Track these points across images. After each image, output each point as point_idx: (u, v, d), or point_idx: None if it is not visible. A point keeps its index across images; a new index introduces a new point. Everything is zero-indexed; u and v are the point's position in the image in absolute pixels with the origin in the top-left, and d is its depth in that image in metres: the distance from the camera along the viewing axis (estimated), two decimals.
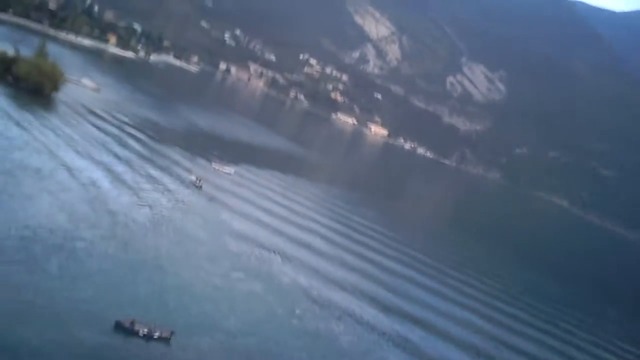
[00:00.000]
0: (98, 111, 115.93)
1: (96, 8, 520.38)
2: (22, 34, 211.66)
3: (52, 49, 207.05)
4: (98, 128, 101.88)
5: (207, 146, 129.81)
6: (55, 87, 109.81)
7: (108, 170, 79.22)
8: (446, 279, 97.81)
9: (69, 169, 72.54)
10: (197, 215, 76.16)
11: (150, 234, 62.97)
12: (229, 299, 55.50)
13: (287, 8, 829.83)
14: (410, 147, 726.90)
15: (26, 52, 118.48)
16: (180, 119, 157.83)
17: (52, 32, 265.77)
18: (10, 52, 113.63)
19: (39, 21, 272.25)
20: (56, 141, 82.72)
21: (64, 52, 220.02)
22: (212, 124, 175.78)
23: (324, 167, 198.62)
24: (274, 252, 73.28)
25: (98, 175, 75.34)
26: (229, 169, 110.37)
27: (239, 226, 78.62)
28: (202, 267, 60.32)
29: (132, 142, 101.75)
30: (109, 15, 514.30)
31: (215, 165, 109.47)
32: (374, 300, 71.35)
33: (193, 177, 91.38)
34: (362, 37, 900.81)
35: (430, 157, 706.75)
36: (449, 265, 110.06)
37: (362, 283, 76.38)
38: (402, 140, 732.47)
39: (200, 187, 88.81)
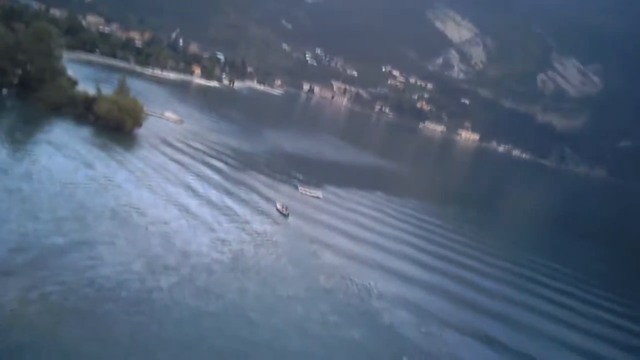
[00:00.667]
0: (178, 144, 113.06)
1: (181, 42, 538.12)
2: (108, 73, 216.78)
3: (137, 84, 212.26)
4: (177, 161, 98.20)
5: (293, 170, 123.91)
6: (137, 122, 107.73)
7: (186, 205, 74.35)
8: (573, 303, 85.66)
9: (144, 207, 68.12)
10: (284, 249, 69.42)
11: (234, 276, 56.68)
12: (328, 352, 48.13)
13: (366, 22, 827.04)
14: (504, 149, 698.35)
15: (109, 90, 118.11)
16: (264, 143, 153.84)
17: (138, 68, 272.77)
18: (92, 91, 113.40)
19: (126, 59, 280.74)
20: (132, 178, 79.27)
21: (150, 87, 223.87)
22: (297, 145, 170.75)
23: (417, 181, 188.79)
24: (371, 286, 65.06)
25: (175, 212, 70.48)
26: (317, 193, 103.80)
27: (331, 258, 71.05)
28: (294, 312, 53.14)
29: (213, 174, 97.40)
30: (193, 48, 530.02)
31: (302, 190, 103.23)
32: (492, 342, 61.48)
33: (279, 205, 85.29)
34: (445, 43, 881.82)
35: (527, 158, 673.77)
36: (571, 282, 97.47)
37: (475, 319, 66.35)
38: (494, 144, 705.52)
39: (287, 215, 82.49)
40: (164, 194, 76.37)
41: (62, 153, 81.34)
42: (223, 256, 60.62)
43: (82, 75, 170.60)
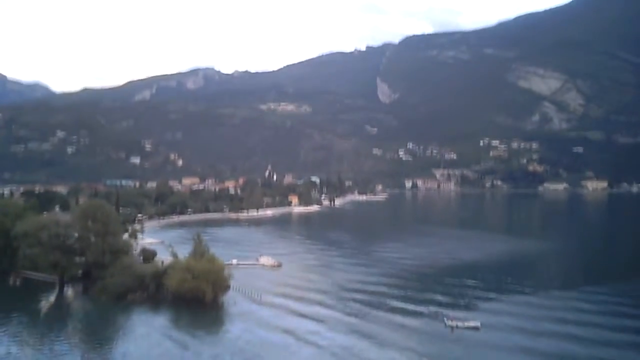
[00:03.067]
0: (276, 300, 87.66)
1: (275, 176, 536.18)
2: (201, 228, 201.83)
3: (230, 233, 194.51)
4: (278, 330, 72.76)
5: (429, 292, 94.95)
6: (219, 287, 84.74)
7: None
8: None
9: None
10: None
11: None
12: None
13: (448, 104, 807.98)
14: (639, 188, 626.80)
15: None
16: (380, 264, 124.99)
17: (233, 215, 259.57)
18: (168, 257, 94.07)
19: (220, 210, 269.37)
20: None
21: (245, 231, 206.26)
22: (421, 254, 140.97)
23: (582, 260, 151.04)
24: None
25: None
26: (473, 322, 73.54)
27: None
28: None
29: (328, 334, 70.70)
30: (287, 179, 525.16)
31: (452, 322, 73.53)
32: None
33: None
34: (535, 98, 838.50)
35: None
36: None
37: None
38: (626, 185, 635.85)
39: None
40: None
41: None
42: None
43: (170, 239, 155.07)
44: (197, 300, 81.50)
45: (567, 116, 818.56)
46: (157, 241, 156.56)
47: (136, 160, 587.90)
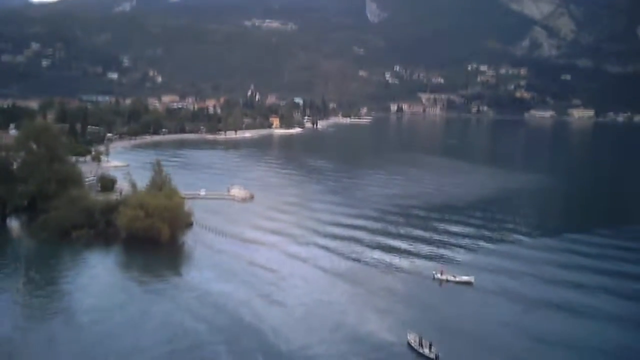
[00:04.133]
0: (238, 248, 77.46)
1: (257, 97, 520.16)
2: (173, 151, 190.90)
3: (203, 157, 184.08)
4: (231, 278, 63.69)
5: (416, 238, 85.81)
6: (177, 226, 74.95)
7: None
8: None
9: None
10: None
11: None
12: None
13: (437, 26, 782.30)
14: (624, 118, 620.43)
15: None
16: (361, 200, 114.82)
17: (209, 136, 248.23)
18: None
19: (195, 131, 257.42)
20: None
21: (219, 155, 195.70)
22: (407, 189, 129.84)
23: (572, 198, 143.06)
24: None
25: None
26: (466, 276, 64.71)
27: None
28: None
29: (296, 289, 61.76)
30: (271, 100, 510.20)
31: (441, 275, 64.62)
32: None
33: (411, 337, 47.60)
34: (526, 23, 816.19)
35: None
36: None
37: None
38: (612, 115, 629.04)
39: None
40: None
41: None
42: None
43: (138, 162, 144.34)
44: (152, 240, 71.84)
45: (557, 42, 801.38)
46: (123, 164, 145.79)
47: (114, 75, 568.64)
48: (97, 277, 62.91)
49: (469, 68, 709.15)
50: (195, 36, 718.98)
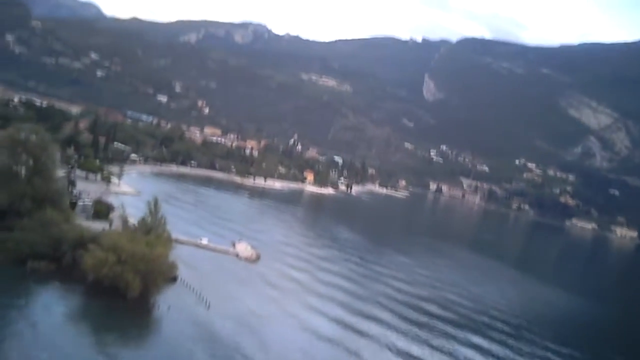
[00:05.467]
0: (226, 314, 63.56)
1: (299, 147, 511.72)
2: (196, 186, 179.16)
3: (224, 200, 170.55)
4: None
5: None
6: (152, 280, 61.02)
7: None
8: None
9: None
10: None
11: None
12: None
13: (492, 115, 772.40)
14: None
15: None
16: (383, 291, 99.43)
17: (238, 179, 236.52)
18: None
19: (225, 170, 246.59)
20: None
21: (241, 202, 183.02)
22: (432, 287, 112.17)
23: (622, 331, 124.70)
24: None
25: None
26: None
27: None
28: None
29: None
30: (311, 153, 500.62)
31: None
32: None
33: None
34: (582, 131, 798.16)
35: None
36: None
37: None
38: None
39: None
40: None
41: None
42: None
43: (150, 192, 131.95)
44: (118, 292, 58.22)
45: (610, 155, 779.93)
46: (134, 191, 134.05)
47: (163, 98, 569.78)
48: (31, 323, 49.52)
49: (517, 162, 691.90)
50: (250, 78, 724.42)
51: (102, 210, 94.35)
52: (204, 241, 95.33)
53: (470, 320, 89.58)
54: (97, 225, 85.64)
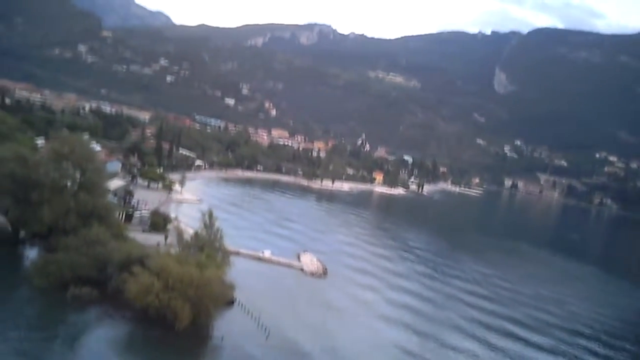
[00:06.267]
0: (288, 345, 55.72)
1: (367, 147, 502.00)
2: (261, 191, 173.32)
3: (291, 205, 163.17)
4: None
5: None
6: (205, 307, 53.61)
7: None
8: None
9: None
10: None
11: None
12: None
13: (568, 106, 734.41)
14: None
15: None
16: (466, 309, 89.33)
17: (304, 182, 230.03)
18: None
19: (292, 173, 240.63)
20: None
21: (308, 206, 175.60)
22: (526, 302, 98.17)
23: None
24: None
25: None
26: None
27: None
28: None
29: None
30: (380, 152, 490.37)
31: None
32: None
33: None
34: None
35: None
36: None
37: None
38: None
39: None
40: None
41: None
42: None
43: (217, 200, 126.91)
44: (165, 323, 51.30)
45: None
46: (195, 199, 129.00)
47: (231, 101, 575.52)
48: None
49: (597, 156, 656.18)
50: (316, 78, 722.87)
51: (159, 222, 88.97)
52: (266, 254, 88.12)
53: (576, 347, 77.69)
54: (153, 239, 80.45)
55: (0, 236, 67.41)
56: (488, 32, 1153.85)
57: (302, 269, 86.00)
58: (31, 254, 67.43)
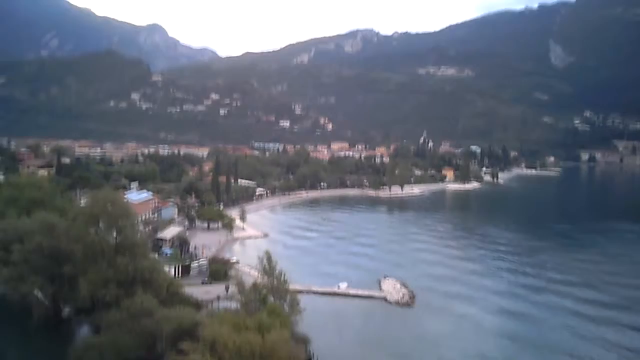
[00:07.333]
0: None
1: (430, 144, 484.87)
2: (326, 213, 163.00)
3: (361, 220, 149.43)
4: None
5: None
6: None
7: None
8: None
9: None
10: None
11: None
12: None
13: (636, 68, 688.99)
14: None
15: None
16: (578, 309, 76.14)
17: (371, 192, 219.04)
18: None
19: (358, 185, 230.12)
20: None
21: (379, 220, 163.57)
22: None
23: None
24: None
25: None
26: None
27: None
28: None
29: None
30: (444, 147, 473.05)
31: None
32: None
33: None
34: None
35: None
36: None
37: None
38: None
39: None
40: None
41: None
42: None
43: (283, 230, 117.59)
44: None
45: None
46: (259, 234, 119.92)
47: (286, 123, 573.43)
48: None
49: None
50: (367, 85, 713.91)
51: (219, 270, 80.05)
52: (342, 287, 77.55)
53: None
54: (214, 291, 71.70)
55: (40, 314, 59.56)
56: (535, 6, 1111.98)
57: (385, 299, 74.65)
58: (81, 331, 59.40)
